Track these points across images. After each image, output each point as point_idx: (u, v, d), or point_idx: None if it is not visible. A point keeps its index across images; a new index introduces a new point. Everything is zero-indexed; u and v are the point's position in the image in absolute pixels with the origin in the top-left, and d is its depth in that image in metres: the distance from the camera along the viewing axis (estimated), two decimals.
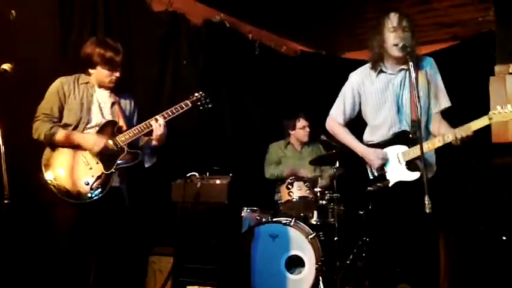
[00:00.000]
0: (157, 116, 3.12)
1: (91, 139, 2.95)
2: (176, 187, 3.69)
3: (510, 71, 3.97)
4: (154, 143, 3.15)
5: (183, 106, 3.23)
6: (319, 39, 6.43)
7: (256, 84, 5.63)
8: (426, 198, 2.36)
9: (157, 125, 3.08)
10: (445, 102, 2.93)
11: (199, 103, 3.34)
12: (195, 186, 3.62)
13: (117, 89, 3.16)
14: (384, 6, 3.07)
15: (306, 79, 6.24)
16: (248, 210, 4.33)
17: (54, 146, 2.92)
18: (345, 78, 3.14)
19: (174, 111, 3.18)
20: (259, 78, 5.67)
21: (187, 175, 3.70)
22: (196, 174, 3.71)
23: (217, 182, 3.62)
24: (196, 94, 3.35)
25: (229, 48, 5.28)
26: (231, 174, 3.66)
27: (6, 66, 2.48)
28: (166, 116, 3.14)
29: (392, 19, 2.82)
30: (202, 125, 4.88)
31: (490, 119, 2.63)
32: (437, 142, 2.75)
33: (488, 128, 3.91)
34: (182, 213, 3.58)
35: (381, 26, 2.87)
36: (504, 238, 3.81)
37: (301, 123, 4.84)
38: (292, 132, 4.90)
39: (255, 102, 5.58)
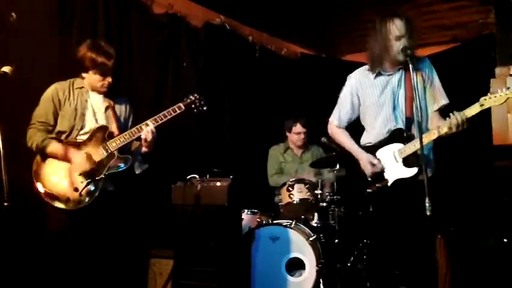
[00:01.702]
0: (148, 121, 3.01)
1: (79, 159, 2.89)
2: (176, 189, 3.69)
3: (511, 73, 3.97)
4: (144, 149, 3.05)
5: (176, 109, 3.10)
6: (319, 41, 6.44)
7: (257, 87, 5.63)
8: (427, 200, 2.35)
9: (147, 131, 2.97)
10: (442, 100, 2.92)
11: (193, 106, 3.22)
12: (195, 188, 3.62)
13: (112, 93, 3.10)
14: (384, 9, 3.05)
15: (306, 82, 6.24)
16: (248, 213, 4.32)
17: (44, 155, 2.90)
18: (346, 81, 3.13)
19: (167, 114, 3.06)
20: (260, 80, 5.67)
21: (188, 177, 3.71)
22: (197, 176, 3.71)
23: (218, 184, 3.62)
24: (190, 97, 3.23)
25: (230, 50, 5.28)
26: (231, 177, 3.66)
27: (6, 68, 2.48)
28: (158, 120, 3.03)
29: (399, 27, 2.77)
30: (203, 128, 4.88)
31: (481, 105, 2.62)
32: (433, 134, 2.75)
33: (489, 130, 3.93)
34: (182, 216, 3.58)
35: (384, 30, 2.82)
36: (505, 240, 3.80)
37: (297, 128, 4.79)
38: (288, 135, 4.89)
39: (255, 104, 5.58)
